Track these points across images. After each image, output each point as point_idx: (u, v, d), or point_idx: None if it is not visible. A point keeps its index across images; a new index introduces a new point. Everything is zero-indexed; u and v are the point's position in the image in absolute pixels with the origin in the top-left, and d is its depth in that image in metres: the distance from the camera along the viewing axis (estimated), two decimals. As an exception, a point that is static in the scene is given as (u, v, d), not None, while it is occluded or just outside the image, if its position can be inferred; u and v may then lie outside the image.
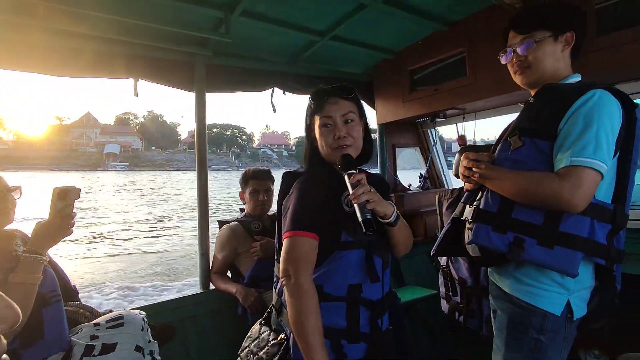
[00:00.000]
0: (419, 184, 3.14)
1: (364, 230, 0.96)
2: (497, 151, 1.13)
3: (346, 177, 1.02)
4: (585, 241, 0.98)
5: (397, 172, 3.07)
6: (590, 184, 0.95)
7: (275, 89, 2.38)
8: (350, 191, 0.99)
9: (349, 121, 1.12)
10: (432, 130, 3.10)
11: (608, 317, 1.60)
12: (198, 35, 1.86)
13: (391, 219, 1.05)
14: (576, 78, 1.14)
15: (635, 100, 1.84)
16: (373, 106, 2.85)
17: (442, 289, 1.84)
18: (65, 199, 1.21)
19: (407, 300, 2.43)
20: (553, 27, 1.11)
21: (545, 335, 1.04)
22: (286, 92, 2.44)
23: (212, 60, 2.08)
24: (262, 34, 2.06)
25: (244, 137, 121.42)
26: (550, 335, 1.04)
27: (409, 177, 3.20)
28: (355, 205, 0.98)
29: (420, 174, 3.16)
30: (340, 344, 1.04)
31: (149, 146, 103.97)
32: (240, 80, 2.23)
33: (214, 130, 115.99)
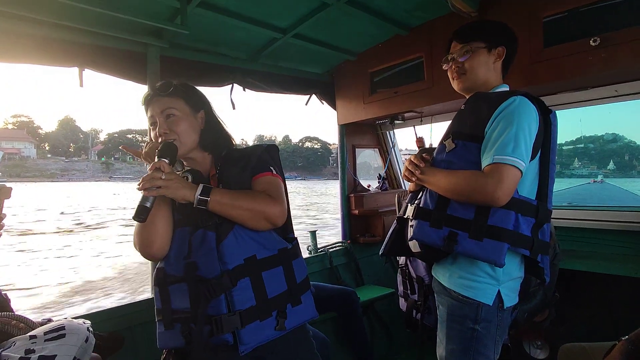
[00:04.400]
0: (378, 184, 3.19)
1: (133, 216, 1.00)
2: (434, 153, 1.23)
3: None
4: (510, 233, 1.07)
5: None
6: (511, 179, 1.04)
7: (235, 85, 2.31)
8: None
9: (170, 116, 1.13)
10: (391, 132, 3.16)
11: (549, 310, 1.72)
12: (152, 25, 1.75)
13: (194, 203, 1.02)
14: (504, 87, 1.26)
15: (577, 109, 1.99)
16: (334, 107, 2.86)
17: (401, 288, 1.88)
18: None
19: (366, 299, 2.47)
20: (487, 40, 1.23)
21: (480, 324, 1.13)
22: (246, 89, 2.38)
23: (167, 52, 1.97)
24: (221, 28, 1.98)
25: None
26: (485, 324, 1.13)
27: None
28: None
29: (379, 174, 3.22)
30: (189, 328, 1.04)
31: (45, 154, 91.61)
32: (198, 75, 2.14)
33: (128, 135, 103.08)
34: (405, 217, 1.28)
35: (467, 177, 1.09)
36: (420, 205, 1.20)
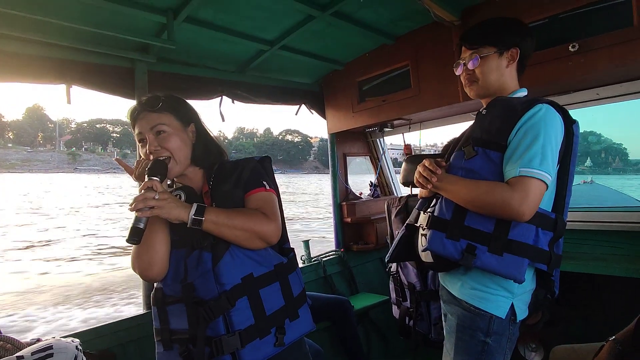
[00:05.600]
0: (370, 192, 3.20)
1: (126, 239, 0.98)
2: (451, 159, 1.17)
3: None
4: (530, 248, 1.03)
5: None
6: (537, 193, 1.00)
7: (224, 97, 2.33)
8: None
9: (160, 132, 1.10)
10: (381, 139, 3.19)
11: (542, 313, 1.73)
12: (139, 41, 1.76)
13: (188, 224, 1.00)
14: (523, 92, 1.20)
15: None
16: (324, 116, 2.88)
17: (393, 295, 1.89)
18: None
19: (360, 307, 2.46)
20: (498, 43, 1.17)
21: (491, 337, 1.09)
22: (235, 101, 2.40)
23: (155, 66, 1.98)
24: (208, 42, 2.00)
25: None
26: (496, 337, 1.09)
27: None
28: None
29: (371, 182, 3.23)
30: (187, 349, 1.03)
31: (7, 143, 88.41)
32: (186, 88, 2.15)
33: (98, 125, 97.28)
34: (417, 225, 1.22)
35: (490, 189, 1.03)
36: (436, 215, 1.13)
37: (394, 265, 1.83)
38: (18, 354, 1.10)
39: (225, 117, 2.32)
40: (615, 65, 1.54)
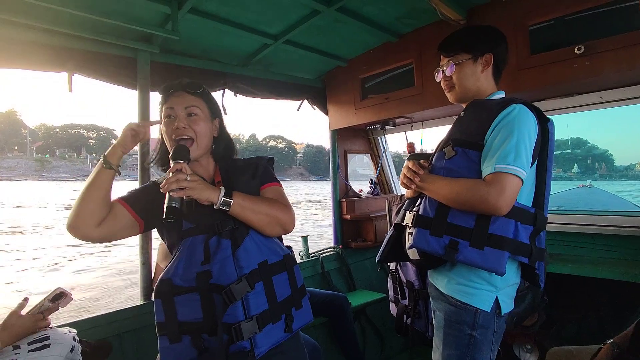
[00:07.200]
0: (370, 189, 3.20)
1: (163, 217, 0.99)
2: (433, 160, 1.22)
3: (171, 165, 1.05)
4: (511, 242, 1.08)
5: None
6: (512, 188, 1.05)
7: (226, 90, 2.32)
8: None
9: (192, 115, 1.14)
10: (382, 137, 3.18)
11: (538, 314, 1.73)
12: (143, 31, 1.75)
13: (217, 205, 1.03)
14: (500, 94, 1.26)
15: (563, 115, 2.02)
16: (326, 112, 2.87)
17: (391, 293, 1.88)
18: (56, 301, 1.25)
19: (357, 304, 2.46)
20: (472, 50, 1.23)
21: (477, 331, 1.13)
22: (238, 95, 2.39)
23: (158, 57, 1.97)
24: (213, 33, 1.99)
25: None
26: (482, 330, 1.13)
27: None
28: (167, 193, 1.00)
29: (371, 179, 3.23)
30: (201, 339, 1.03)
31: None
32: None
33: (71, 131, 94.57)
34: (403, 224, 1.27)
35: (468, 186, 1.08)
36: (420, 213, 1.19)
37: (392, 263, 1.83)
38: (15, 342, 1.10)
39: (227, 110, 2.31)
40: (620, 69, 1.54)
